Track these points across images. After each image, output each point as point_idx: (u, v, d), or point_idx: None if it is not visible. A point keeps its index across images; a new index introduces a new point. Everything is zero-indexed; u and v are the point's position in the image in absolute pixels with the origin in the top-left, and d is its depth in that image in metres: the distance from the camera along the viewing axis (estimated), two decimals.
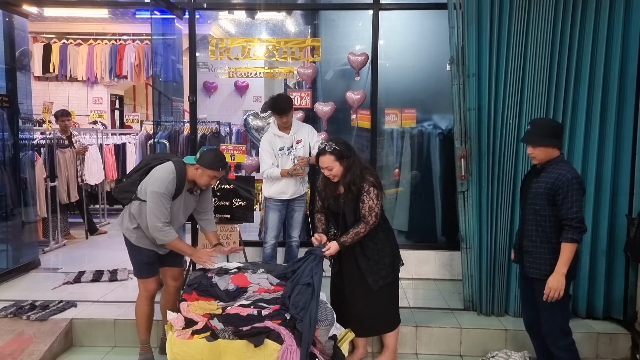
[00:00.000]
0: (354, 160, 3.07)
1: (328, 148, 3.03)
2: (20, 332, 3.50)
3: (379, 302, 3.15)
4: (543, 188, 2.70)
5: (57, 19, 8.81)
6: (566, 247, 2.63)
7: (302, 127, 4.10)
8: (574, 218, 2.61)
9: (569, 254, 2.63)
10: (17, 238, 4.86)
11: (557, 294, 2.64)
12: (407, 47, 4.95)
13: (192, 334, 2.74)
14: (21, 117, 5.01)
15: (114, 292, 4.27)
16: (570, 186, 2.61)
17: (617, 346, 3.55)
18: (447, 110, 4.76)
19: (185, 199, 3.13)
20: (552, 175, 2.67)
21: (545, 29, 3.54)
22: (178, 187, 3.01)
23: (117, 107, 11.75)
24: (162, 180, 2.96)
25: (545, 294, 2.67)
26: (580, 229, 2.62)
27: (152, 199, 2.94)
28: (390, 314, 3.26)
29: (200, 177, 3.04)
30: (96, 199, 7.24)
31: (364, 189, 3.03)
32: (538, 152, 2.73)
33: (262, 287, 3.10)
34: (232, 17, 6.33)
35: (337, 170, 3.05)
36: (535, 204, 2.75)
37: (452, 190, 4.33)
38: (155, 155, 3.48)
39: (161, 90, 5.02)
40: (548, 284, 2.66)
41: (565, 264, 2.64)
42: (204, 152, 3.05)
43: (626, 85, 3.58)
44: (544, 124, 2.82)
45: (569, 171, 2.65)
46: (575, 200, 2.61)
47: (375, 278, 3.10)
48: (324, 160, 3.05)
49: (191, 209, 3.26)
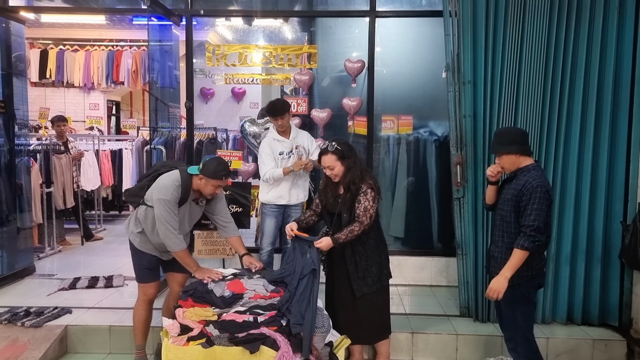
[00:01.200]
0: (355, 161, 3.11)
1: (330, 148, 3.07)
2: (15, 339, 3.47)
3: (365, 310, 3.15)
4: (510, 195, 2.71)
5: (54, 25, 8.81)
6: (515, 252, 2.62)
7: (301, 133, 4.12)
8: (530, 226, 2.59)
9: (516, 260, 2.62)
10: (12, 244, 4.84)
11: (496, 295, 2.65)
12: (404, 54, 4.99)
13: (188, 341, 2.73)
14: (17, 123, 4.99)
15: (109, 299, 4.25)
16: (533, 194, 2.59)
17: (613, 352, 3.56)
18: (443, 117, 4.78)
19: (190, 209, 3.16)
20: (520, 182, 2.68)
21: (540, 37, 3.58)
22: (183, 196, 3.04)
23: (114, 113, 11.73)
24: (167, 187, 2.99)
25: (487, 293, 2.70)
26: (533, 237, 2.58)
27: (161, 207, 2.97)
28: (377, 324, 3.23)
29: (204, 187, 3.06)
30: (92, 205, 7.22)
31: (362, 190, 3.06)
32: (504, 161, 2.74)
33: (258, 293, 3.09)
34: (229, 24, 6.36)
35: (338, 170, 3.08)
36: (503, 210, 2.76)
37: (448, 196, 4.34)
38: (164, 163, 3.51)
39: (158, 97, 5.03)
40: (490, 285, 2.68)
41: (510, 268, 2.63)
42: (206, 162, 3.05)
43: (620, 93, 3.61)
44: (503, 133, 2.85)
45: (536, 179, 2.63)
46: (535, 208, 2.58)
47: (360, 284, 3.10)
48: (326, 159, 3.08)
49: (196, 218, 3.30)
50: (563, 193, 3.67)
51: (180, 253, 3.06)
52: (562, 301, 3.75)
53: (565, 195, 3.67)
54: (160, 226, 2.99)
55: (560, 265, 3.71)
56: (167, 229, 2.97)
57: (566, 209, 3.67)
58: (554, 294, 3.75)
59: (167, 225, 2.97)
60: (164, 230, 2.98)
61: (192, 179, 3.08)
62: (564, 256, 3.70)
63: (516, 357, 2.78)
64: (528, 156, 2.76)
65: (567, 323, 3.78)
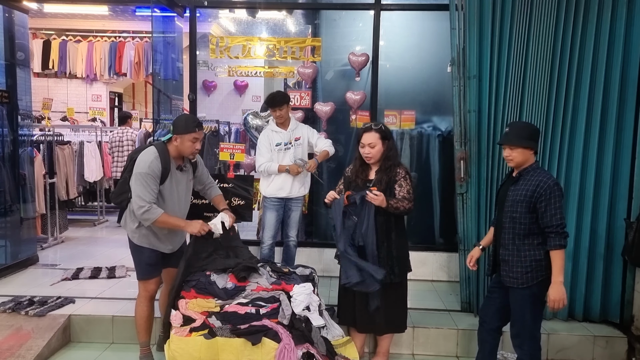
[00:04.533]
0: (394, 145, 3.14)
1: (374, 126, 3.07)
2: (19, 328, 3.49)
3: (389, 299, 3.10)
4: (522, 196, 2.67)
5: (57, 15, 8.79)
6: (556, 254, 2.62)
7: (301, 126, 4.13)
8: (559, 225, 2.60)
9: (560, 260, 2.62)
10: (16, 234, 4.86)
11: (562, 304, 2.63)
12: (408, 48, 4.96)
13: (190, 332, 2.74)
14: (20, 114, 5.00)
15: (112, 289, 4.27)
16: (552, 193, 2.59)
17: (614, 349, 3.57)
18: (446, 112, 4.77)
19: (176, 180, 3.07)
20: (532, 182, 2.65)
21: (547, 32, 3.55)
22: (164, 166, 2.95)
23: (117, 105, 11.73)
24: (144, 161, 2.91)
25: (550, 307, 2.65)
26: (564, 234, 2.62)
27: (136, 180, 2.89)
28: (400, 316, 3.24)
29: (182, 146, 2.98)
30: (95, 197, 7.23)
31: (400, 174, 3.06)
32: (516, 154, 2.70)
33: (261, 285, 3.10)
34: (233, 16, 6.32)
35: (378, 149, 3.05)
36: (514, 212, 2.71)
37: (451, 192, 4.34)
38: (137, 148, 3.36)
39: (161, 89, 5.03)
40: (549, 296, 2.64)
41: (560, 271, 2.62)
42: (175, 122, 3.04)
43: (627, 90, 3.58)
44: (522, 127, 2.81)
45: (550, 178, 2.63)
46: (558, 207, 2.60)
47: (389, 271, 3.05)
48: (368, 136, 3.05)
49: (187, 191, 3.19)
50: (567, 189, 3.66)
51: (161, 219, 2.93)
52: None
53: (569, 192, 3.66)
54: (134, 201, 2.90)
55: None
56: (137, 203, 2.87)
57: (570, 205, 3.66)
58: None
59: (139, 199, 2.87)
60: (136, 205, 2.89)
61: (167, 147, 3.02)
62: (567, 253, 3.64)
63: (520, 353, 2.78)
64: (535, 155, 2.76)
65: (568, 319, 3.78)
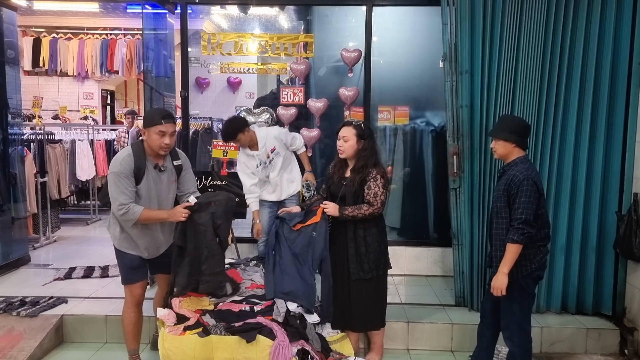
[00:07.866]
0: (372, 146, 3.12)
1: (355, 122, 3.09)
2: (10, 329, 3.47)
3: (357, 295, 3.13)
4: (502, 190, 2.72)
5: (47, 13, 8.69)
6: (509, 247, 2.64)
7: (269, 134, 3.87)
8: (518, 219, 2.61)
9: (510, 254, 2.64)
10: (7, 234, 4.81)
11: (499, 292, 2.66)
12: (400, 44, 4.96)
13: (184, 330, 2.74)
14: (10, 112, 4.94)
15: (105, 289, 4.25)
16: (520, 187, 2.61)
17: (606, 341, 3.59)
18: (439, 108, 4.78)
19: (154, 180, 2.93)
20: (509, 177, 2.69)
21: (538, 27, 3.56)
22: (137, 165, 2.84)
23: (109, 103, 11.66)
24: (116, 159, 2.84)
25: (491, 291, 2.71)
26: (522, 230, 2.59)
27: (110, 181, 2.81)
28: (372, 313, 3.22)
29: (150, 139, 2.85)
30: (87, 195, 7.18)
31: (372, 175, 3.04)
32: (498, 146, 2.75)
33: (255, 282, 3.10)
34: (225, 12, 6.29)
35: (350, 145, 3.06)
36: (496, 207, 2.77)
37: (445, 187, 4.35)
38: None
39: (153, 86, 4.99)
40: (492, 283, 2.70)
41: (506, 263, 2.64)
42: (144, 116, 2.96)
43: (617, 84, 3.61)
44: (508, 120, 2.87)
45: (522, 172, 2.64)
46: (523, 202, 2.60)
47: (357, 268, 3.09)
48: (345, 130, 3.09)
49: (168, 192, 3.02)
50: (559, 183, 3.68)
51: (143, 216, 2.82)
52: (557, 291, 3.77)
53: (561, 186, 3.68)
54: (112, 204, 2.80)
55: (555, 255, 3.72)
56: (116, 203, 2.78)
57: (562, 199, 3.69)
58: (548, 284, 3.77)
59: (116, 201, 2.78)
60: (114, 208, 2.80)
61: (143, 145, 2.91)
62: (559, 246, 3.72)
63: (511, 345, 2.81)
64: (522, 150, 2.76)
65: (561, 312, 3.81)
